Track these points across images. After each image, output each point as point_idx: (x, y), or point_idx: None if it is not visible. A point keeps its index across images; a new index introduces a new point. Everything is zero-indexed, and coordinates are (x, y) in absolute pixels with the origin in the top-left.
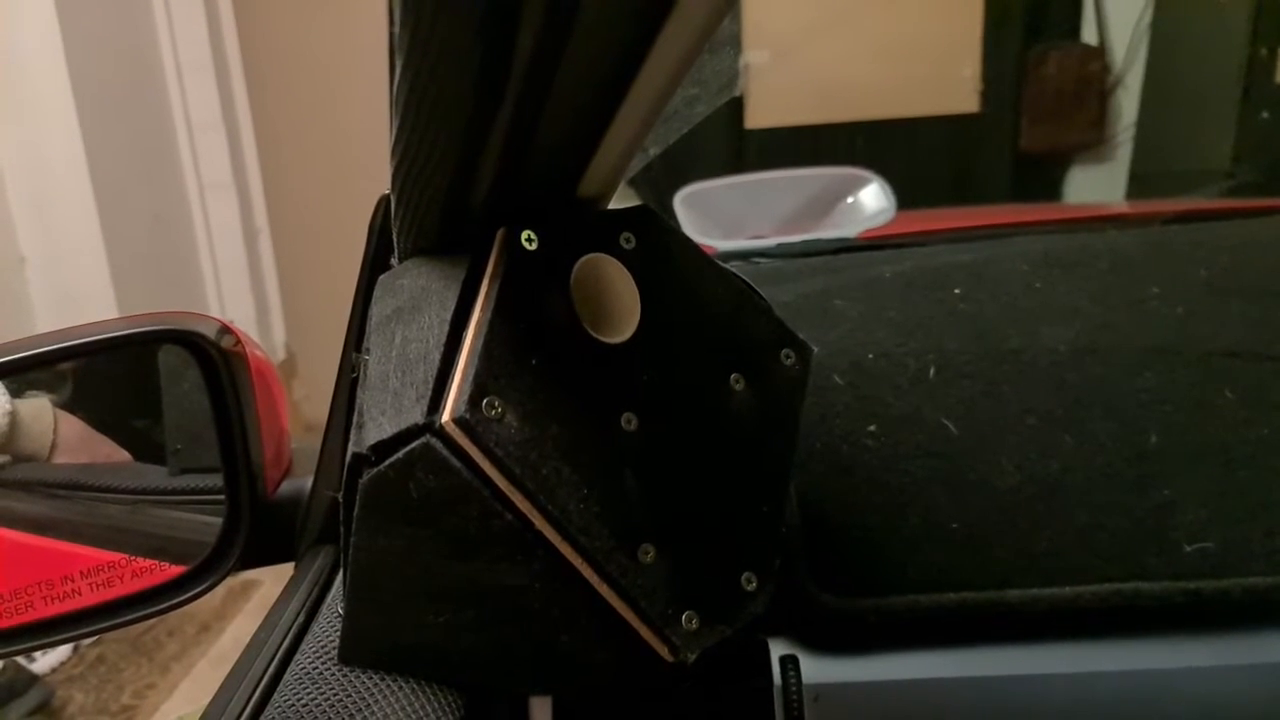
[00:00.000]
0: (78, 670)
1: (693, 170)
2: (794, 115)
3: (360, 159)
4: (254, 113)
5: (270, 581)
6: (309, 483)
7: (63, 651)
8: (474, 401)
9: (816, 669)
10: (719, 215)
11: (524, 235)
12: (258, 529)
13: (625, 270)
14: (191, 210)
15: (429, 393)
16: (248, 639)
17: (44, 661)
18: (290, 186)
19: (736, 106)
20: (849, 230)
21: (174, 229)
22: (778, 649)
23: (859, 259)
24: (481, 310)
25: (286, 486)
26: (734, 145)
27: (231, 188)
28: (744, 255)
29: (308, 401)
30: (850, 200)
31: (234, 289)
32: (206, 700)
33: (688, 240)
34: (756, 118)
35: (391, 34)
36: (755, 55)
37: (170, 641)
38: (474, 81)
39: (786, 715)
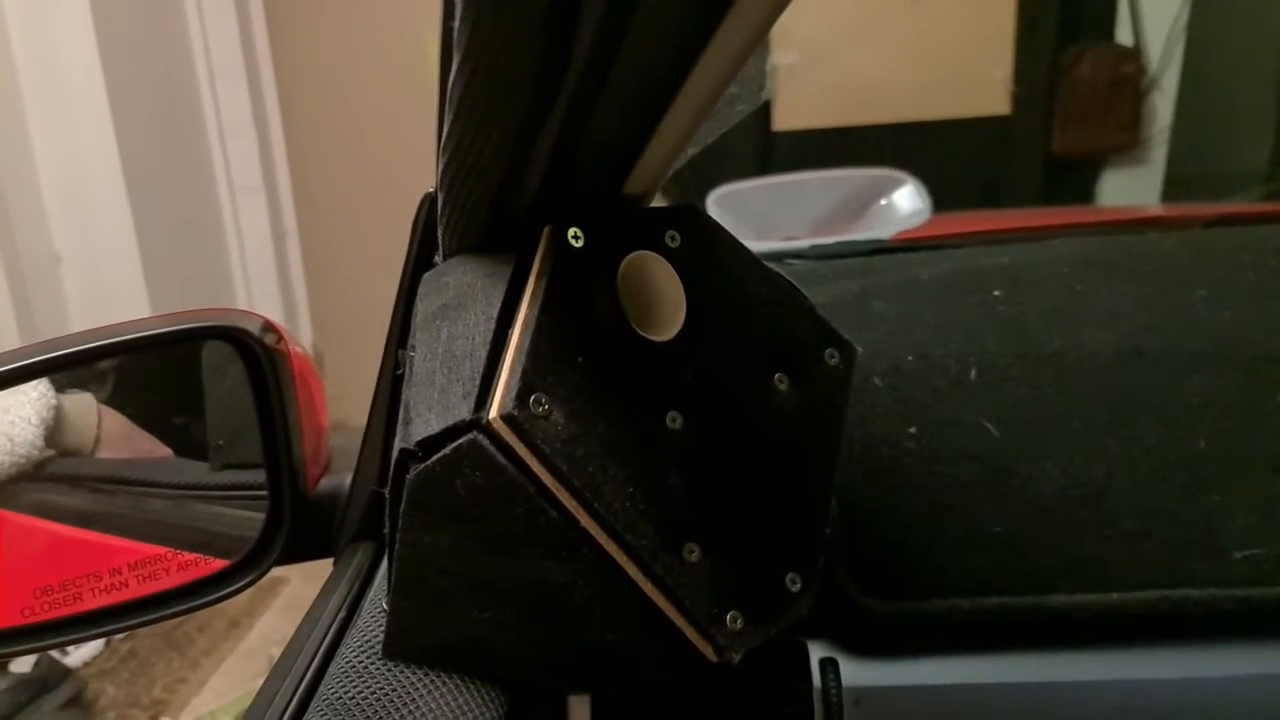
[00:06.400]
0: (110, 664)
1: (720, 172)
2: (822, 117)
3: (387, 163)
4: (284, 117)
5: (297, 579)
6: (347, 479)
7: (95, 646)
8: (521, 398)
9: (857, 672)
10: (752, 216)
11: (570, 233)
12: (299, 525)
13: (671, 268)
14: (222, 212)
15: (475, 389)
16: (276, 635)
17: (77, 655)
18: (318, 189)
19: (764, 108)
20: (883, 232)
21: (205, 230)
22: (817, 651)
23: (895, 261)
24: (528, 307)
25: (325, 483)
26: (762, 147)
27: (261, 190)
28: (778, 256)
29: (334, 401)
30: (884, 202)
31: (262, 289)
32: (236, 695)
33: (732, 238)
34: (784, 120)
35: (448, 29)
36: (783, 57)
37: (200, 637)
38: (533, 77)
39: (826, 718)
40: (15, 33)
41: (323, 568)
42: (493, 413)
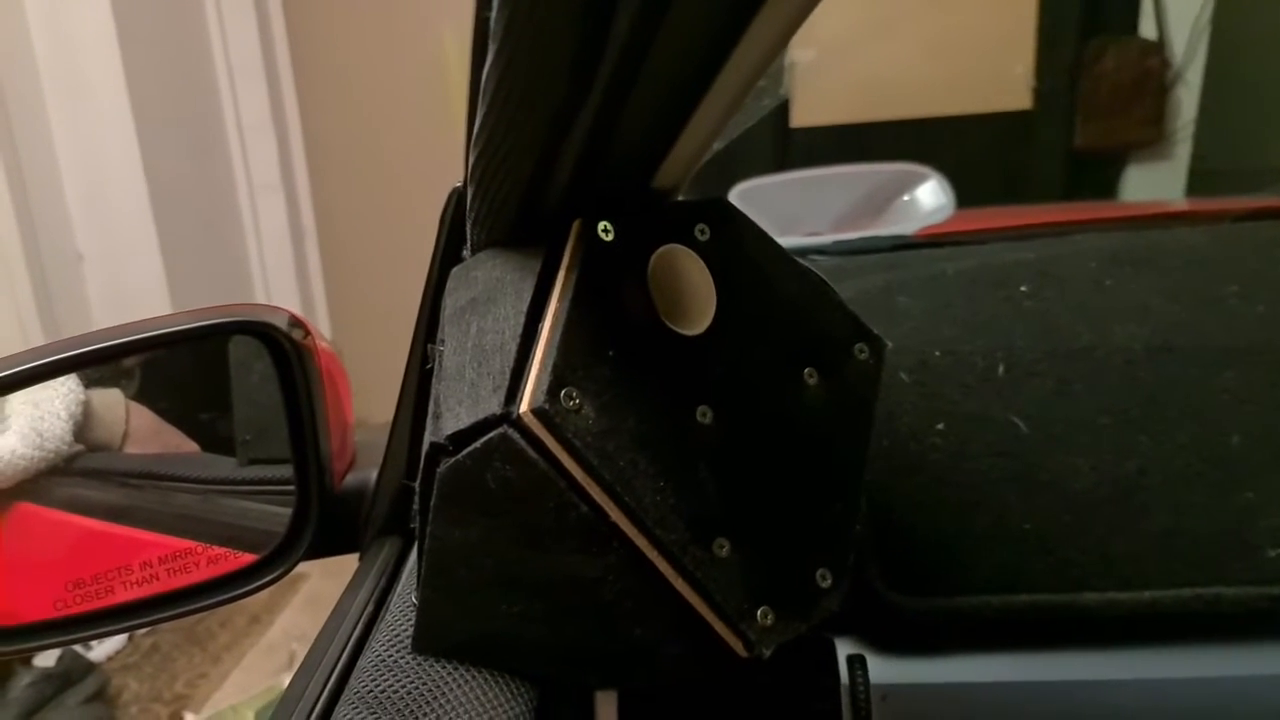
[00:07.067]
0: (133, 659)
1: (738, 169)
2: (841, 113)
3: (404, 161)
4: (302, 116)
5: (317, 575)
6: (372, 474)
7: (118, 640)
8: (552, 392)
9: (884, 669)
10: (775, 212)
11: (600, 226)
12: (325, 519)
13: (701, 262)
14: (241, 211)
15: (506, 383)
16: (296, 630)
17: (100, 650)
18: (337, 188)
19: (782, 105)
20: (907, 227)
21: (224, 229)
22: (845, 648)
23: (919, 256)
24: (558, 301)
25: (351, 478)
26: (780, 144)
27: (280, 189)
28: (801, 252)
29: (353, 397)
30: (907, 197)
31: (281, 287)
32: (257, 689)
33: (762, 232)
34: (802, 116)
35: (481, 20)
36: (801, 54)
37: (222, 632)
38: (568, 68)
39: (854, 715)
40: (37, 33)
41: (343, 563)
42: (523, 407)
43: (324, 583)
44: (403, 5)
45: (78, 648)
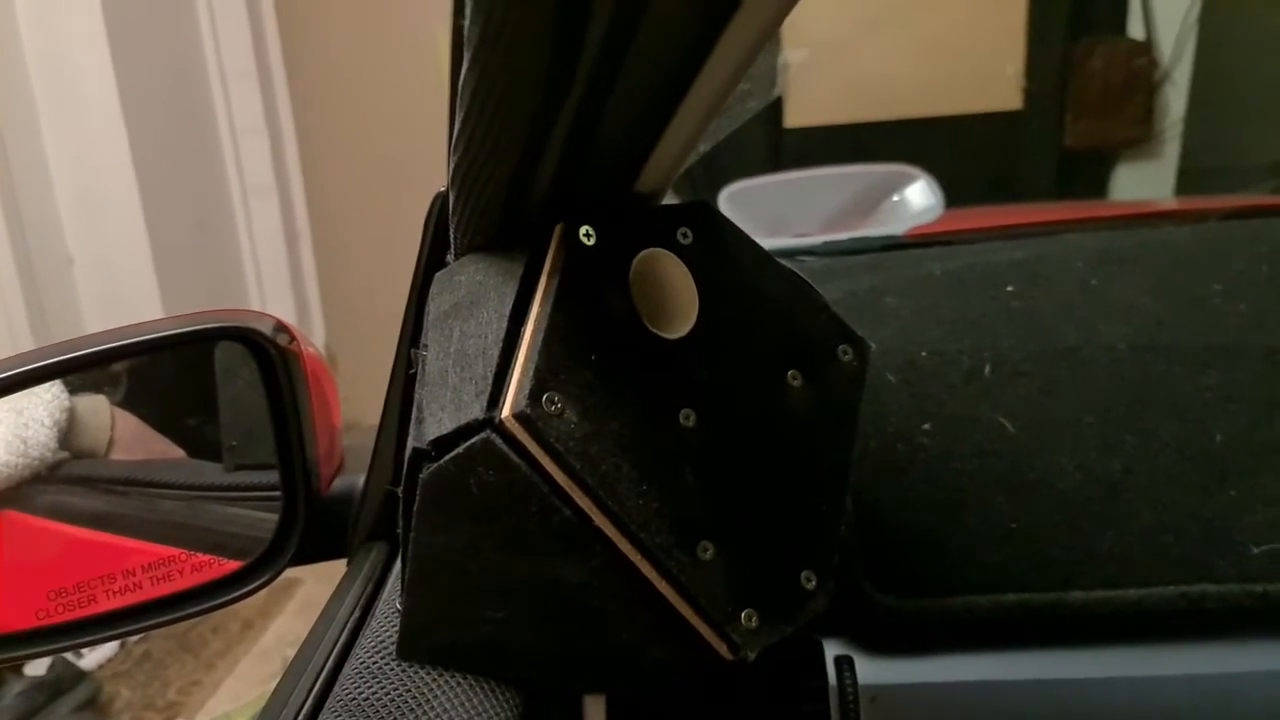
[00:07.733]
0: (124, 667)
1: (732, 169)
2: (834, 114)
3: (399, 163)
4: (296, 118)
5: (311, 581)
6: (360, 480)
7: (110, 648)
8: (534, 397)
9: (873, 670)
10: (764, 213)
11: (582, 230)
12: (312, 525)
13: (683, 265)
14: (234, 213)
15: (488, 388)
16: (290, 636)
17: (91, 658)
18: (331, 190)
19: (775, 105)
20: (896, 228)
21: (217, 231)
22: (833, 649)
23: (908, 256)
24: (540, 306)
25: (339, 483)
26: (773, 144)
27: (273, 191)
28: (790, 253)
29: (347, 401)
30: (897, 198)
31: (275, 290)
32: (251, 697)
33: (745, 235)
34: (795, 116)
35: (458, 27)
36: (794, 54)
37: (215, 639)
38: (543, 75)
39: (843, 716)
40: (27, 36)
41: (336, 568)
42: (505, 411)
43: (318, 588)
44: (397, 6)
45: (69, 655)
